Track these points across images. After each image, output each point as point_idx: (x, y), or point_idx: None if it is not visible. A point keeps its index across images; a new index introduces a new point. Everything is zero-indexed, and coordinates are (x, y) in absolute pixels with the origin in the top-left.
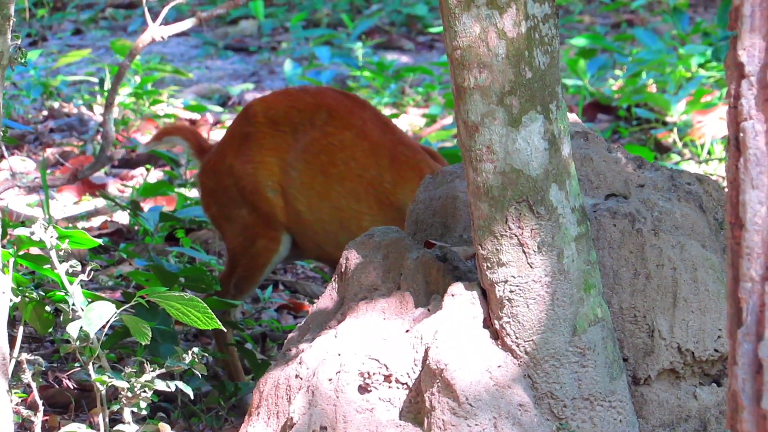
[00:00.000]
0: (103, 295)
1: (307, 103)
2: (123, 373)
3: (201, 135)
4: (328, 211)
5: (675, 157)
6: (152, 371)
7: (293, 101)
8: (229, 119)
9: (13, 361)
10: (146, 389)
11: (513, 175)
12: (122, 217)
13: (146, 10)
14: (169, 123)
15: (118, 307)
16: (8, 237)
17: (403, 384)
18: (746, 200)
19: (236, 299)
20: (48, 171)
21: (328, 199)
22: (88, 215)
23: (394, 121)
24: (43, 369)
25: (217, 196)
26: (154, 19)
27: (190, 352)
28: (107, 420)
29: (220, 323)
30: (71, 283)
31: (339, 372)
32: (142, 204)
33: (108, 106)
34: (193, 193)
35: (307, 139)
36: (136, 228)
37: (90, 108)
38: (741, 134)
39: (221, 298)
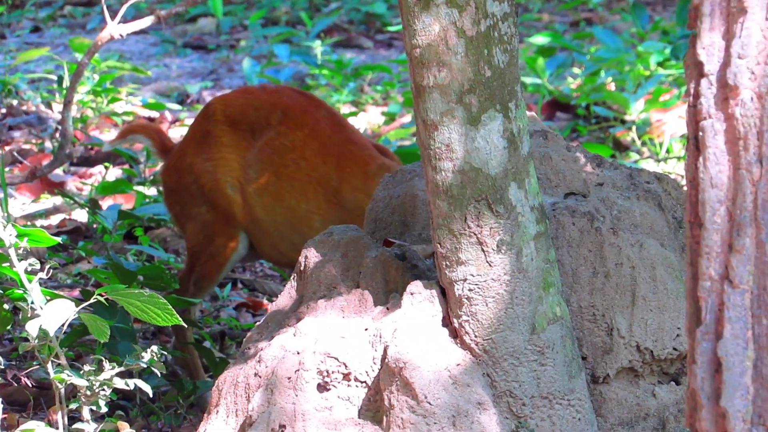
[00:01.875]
0: (61, 293)
1: (263, 101)
2: (82, 372)
3: (165, 133)
4: (281, 212)
5: (634, 156)
6: (111, 369)
7: (251, 100)
8: (188, 117)
9: None
10: (105, 387)
11: (472, 173)
12: (81, 215)
13: (105, 7)
14: (130, 121)
15: (76, 306)
16: None
17: (362, 382)
18: (705, 199)
19: (196, 297)
20: (6, 169)
21: (281, 199)
22: (46, 213)
23: (353, 119)
24: (2, 367)
25: (179, 194)
26: (112, 17)
27: (149, 350)
28: (66, 418)
29: (180, 319)
30: (30, 281)
31: (298, 370)
32: (100, 202)
33: (67, 104)
34: (152, 191)
35: (263, 139)
36: (94, 226)
37: (48, 106)
38: (700, 133)
39: (180, 297)
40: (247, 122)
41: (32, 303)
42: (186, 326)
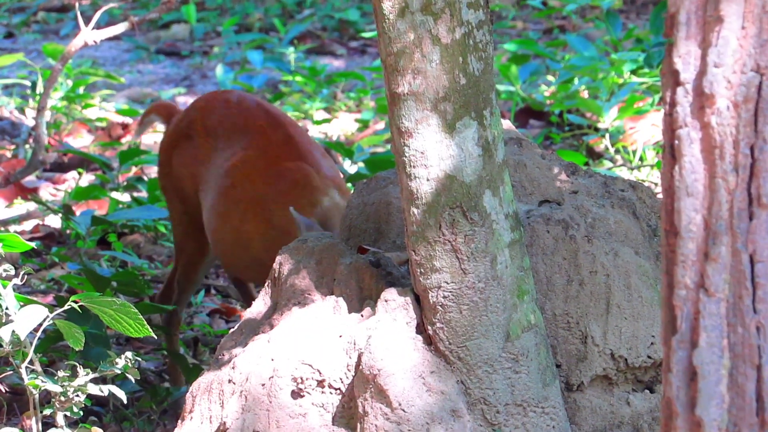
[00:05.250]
0: (35, 298)
1: (235, 117)
2: (56, 377)
3: (176, 109)
4: (228, 231)
5: (607, 164)
6: (85, 375)
7: (227, 113)
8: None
9: None
10: (79, 393)
11: (447, 181)
12: (54, 221)
13: (79, 14)
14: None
15: (50, 311)
16: None
17: (336, 389)
18: (681, 208)
19: (180, 299)
20: None
21: (229, 220)
22: (19, 219)
23: (326, 126)
24: None
25: (165, 192)
26: (86, 23)
27: (123, 356)
28: (40, 424)
29: (151, 330)
30: (4, 286)
31: (272, 377)
32: (74, 208)
33: (40, 109)
34: (125, 197)
35: (221, 157)
36: (68, 232)
37: (22, 111)
38: (676, 141)
39: (153, 303)
40: (216, 136)
41: (6, 308)
42: (156, 336)
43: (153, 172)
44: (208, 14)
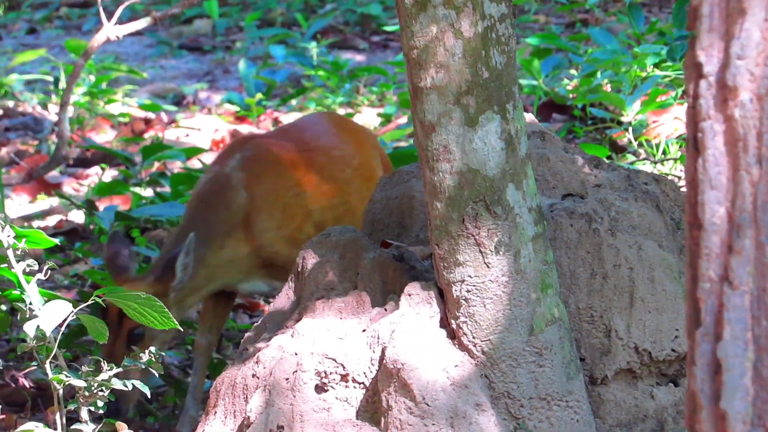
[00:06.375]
0: (59, 294)
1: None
2: (80, 372)
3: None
4: None
5: (630, 157)
6: (109, 370)
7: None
8: (183, 118)
9: None
10: (103, 388)
11: (470, 174)
12: (78, 217)
13: (101, 9)
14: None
15: (74, 306)
16: None
17: (359, 383)
18: (705, 201)
19: None
20: (3, 170)
21: None
22: (43, 214)
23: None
24: (0, 368)
25: None
26: (108, 19)
27: (147, 351)
28: (64, 419)
29: (176, 323)
30: (28, 282)
31: (296, 371)
32: (97, 203)
33: (63, 105)
34: (148, 192)
35: None
36: (91, 227)
37: (45, 107)
38: (699, 134)
39: None
40: None
41: (30, 304)
42: (181, 329)
43: (176, 167)
44: (230, 9)
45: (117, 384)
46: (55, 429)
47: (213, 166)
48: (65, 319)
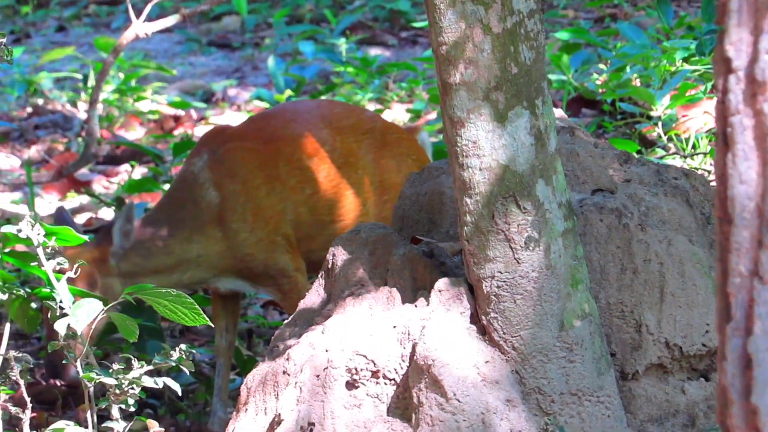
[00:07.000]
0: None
1: None
2: (111, 370)
3: None
4: None
5: (660, 152)
6: (140, 368)
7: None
8: (212, 115)
9: (1, 358)
10: (134, 386)
11: (499, 170)
12: (107, 214)
13: (130, 6)
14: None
15: (104, 304)
16: None
17: (390, 380)
18: (735, 195)
19: None
20: (33, 168)
21: None
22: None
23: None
24: (31, 366)
25: None
26: (137, 16)
27: (177, 348)
28: (95, 417)
29: (207, 319)
30: (58, 280)
31: (326, 368)
32: (127, 200)
33: (92, 102)
34: None
35: None
36: None
37: (74, 105)
38: (729, 129)
39: (208, 295)
40: None
41: (60, 302)
42: (212, 325)
43: None
44: (259, 6)
45: (148, 382)
46: (86, 427)
47: (184, 164)
48: (96, 317)
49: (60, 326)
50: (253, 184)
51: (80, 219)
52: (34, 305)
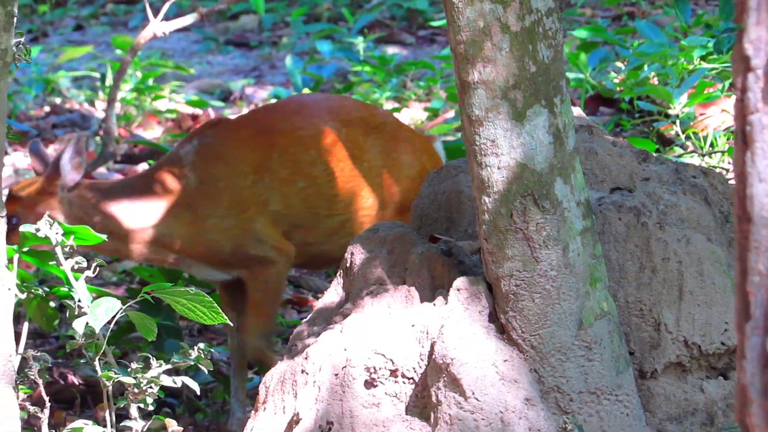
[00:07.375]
0: (107, 290)
1: None
2: (129, 369)
3: None
4: None
5: (678, 150)
6: (158, 367)
7: None
8: (230, 114)
9: (19, 357)
10: (152, 385)
11: (517, 169)
12: None
13: (147, 5)
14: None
15: (123, 303)
16: None
17: (409, 379)
18: (754, 194)
19: None
20: None
21: None
22: None
23: (396, 115)
24: (49, 365)
25: None
26: (155, 15)
27: (196, 347)
28: (113, 416)
29: (226, 318)
30: (77, 279)
31: (345, 367)
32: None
33: (110, 101)
34: None
35: None
36: None
37: (92, 104)
38: (748, 127)
39: None
40: None
41: (79, 301)
42: (231, 324)
43: None
44: (276, 5)
45: (166, 380)
46: (105, 426)
47: (175, 146)
48: (114, 316)
49: (78, 325)
50: (238, 172)
51: None
52: (52, 304)
